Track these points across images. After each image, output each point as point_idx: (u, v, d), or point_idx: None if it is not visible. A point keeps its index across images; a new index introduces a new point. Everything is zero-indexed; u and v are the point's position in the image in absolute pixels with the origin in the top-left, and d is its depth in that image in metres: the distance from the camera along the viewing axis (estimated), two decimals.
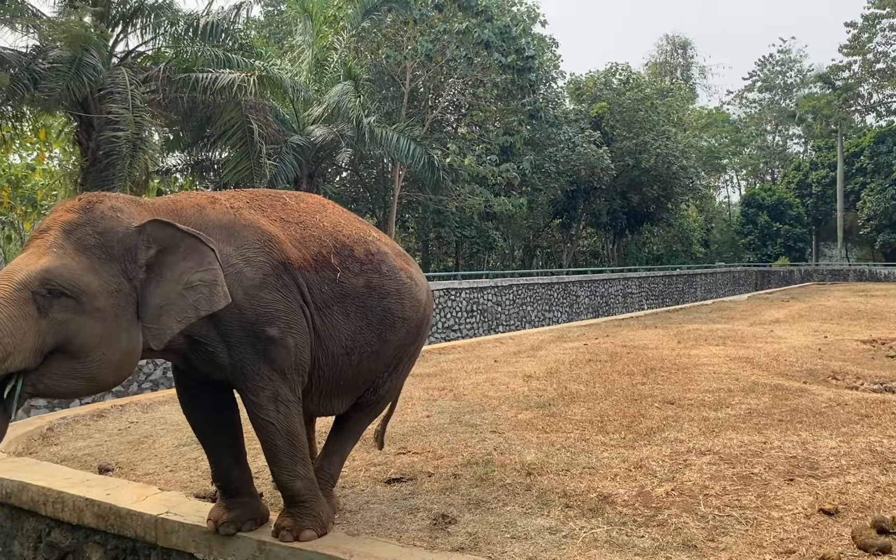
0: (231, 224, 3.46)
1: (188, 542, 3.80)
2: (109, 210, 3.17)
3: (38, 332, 2.88)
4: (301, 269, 3.53)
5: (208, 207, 3.49)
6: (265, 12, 33.20)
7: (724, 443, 5.18)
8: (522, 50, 27.21)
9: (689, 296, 35.84)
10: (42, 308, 2.89)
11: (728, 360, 8.94)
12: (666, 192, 38.42)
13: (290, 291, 3.46)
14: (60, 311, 2.92)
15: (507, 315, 23.46)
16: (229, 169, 17.04)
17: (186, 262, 3.21)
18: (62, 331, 2.93)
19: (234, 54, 16.86)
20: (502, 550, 3.45)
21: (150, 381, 12.28)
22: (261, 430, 3.46)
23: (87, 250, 3.04)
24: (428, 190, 25.20)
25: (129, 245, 3.13)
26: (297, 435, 3.52)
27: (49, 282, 2.91)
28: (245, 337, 3.35)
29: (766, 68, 59.27)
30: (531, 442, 5.36)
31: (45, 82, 13.45)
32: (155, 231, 3.19)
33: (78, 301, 2.95)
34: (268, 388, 3.39)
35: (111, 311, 3.04)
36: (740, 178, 62.79)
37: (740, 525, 3.70)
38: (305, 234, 3.65)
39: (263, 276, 3.40)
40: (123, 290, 3.10)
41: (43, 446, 5.88)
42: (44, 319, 2.89)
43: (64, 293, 2.93)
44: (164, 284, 3.19)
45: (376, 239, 3.94)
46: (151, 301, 3.16)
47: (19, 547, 4.61)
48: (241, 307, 3.33)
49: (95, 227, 3.09)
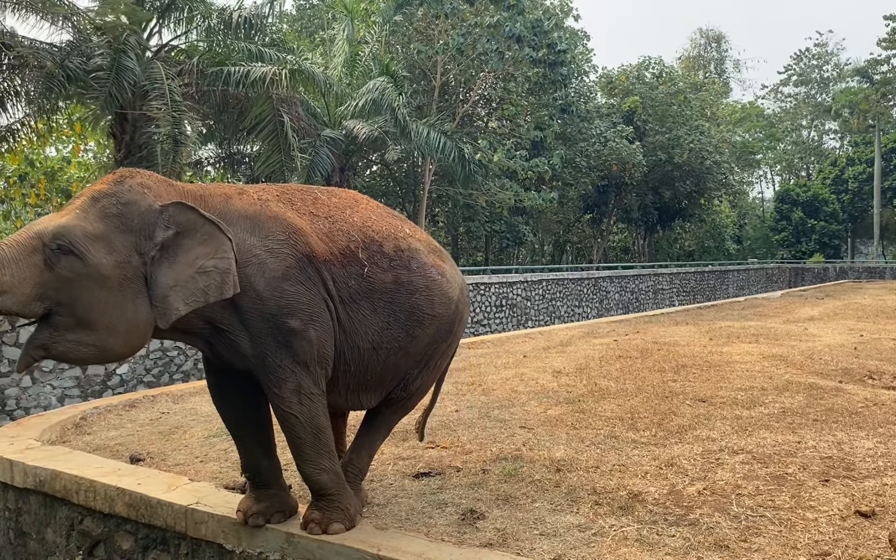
0: (256, 215, 3.48)
1: (217, 533, 3.83)
2: (138, 185, 3.28)
3: (39, 283, 3.02)
4: (326, 263, 3.53)
5: (235, 198, 3.53)
6: (297, 6, 33.35)
7: (757, 442, 5.10)
8: (554, 44, 27.05)
9: (722, 293, 35.47)
10: (48, 261, 3.03)
11: (761, 357, 8.82)
12: (698, 187, 38.00)
13: (313, 284, 3.46)
14: (65, 269, 3.05)
15: (537, 310, 23.38)
16: (261, 162, 17.16)
17: (203, 248, 3.26)
18: (65, 290, 3.06)
19: (266, 48, 16.97)
20: (531, 547, 3.42)
21: (182, 373, 12.43)
22: (284, 423, 3.47)
23: (107, 218, 3.17)
24: (458, 184, 25.16)
25: (148, 222, 3.23)
26: (322, 428, 3.52)
27: (61, 237, 3.05)
28: (267, 328, 3.36)
29: (801, 62, 58.39)
30: (560, 438, 5.32)
31: (90, 92, 13.61)
32: (177, 213, 3.27)
33: (84, 262, 3.07)
34: (290, 381, 3.40)
35: (116, 280, 3.14)
36: (774, 174, 62.01)
37: (774, 526, 3.63)
38: (333, 228, 3.65)
39: (286, 267, 3.41)
40: (132, 263, 3.19)
41: (76, 435, 5.95)
42: (48, 272, 3.03)
43: (72, 252, 3.05)
44: (176, 266, 3.26)
45: (408, 235, 3.91)
46: (161, 280, 3.23)
47: (52, 534, 4.68)
48: (264, 298, 3.35)
49: (119, 199, 3.21)
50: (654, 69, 39.53)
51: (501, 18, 24.90)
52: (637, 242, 43.86)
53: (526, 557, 3.33)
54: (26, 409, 10.44)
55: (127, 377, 11.72)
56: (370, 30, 23.18)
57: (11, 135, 16.10)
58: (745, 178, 54.88)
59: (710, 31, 60.25)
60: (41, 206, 20.05)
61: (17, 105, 15.47)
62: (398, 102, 18.77)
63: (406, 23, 24.98)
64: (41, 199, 19.78)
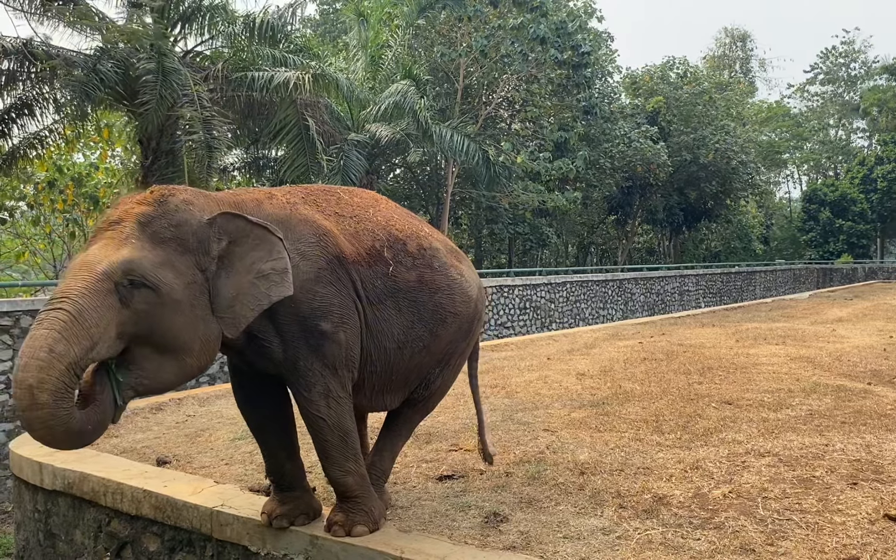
0: (287, 218, 3.50)
1: (242, 535, 3.86)
2: (182, 203, 3.24)
3: (120, 322, 2.96)
4: (355, 264, 3.55)
5: (265, 202, 3.54)
6: (320, 11, 33.52)
7: (784, 444, 5.05)
8: (578, 46, 26.95)
9: (748, 294, 35.11)
10: (124, 299, 2.96)
11: (788, 359, 8.73)
12: (724, 187, 37.63)
13: (343, 285, 3.49)
14: (141, 303, 2.99)
15: (561, 312, 23.29)
16: (286, 166, 17.26)
17: (256, 252, 3.28)
18: (143, 322, 3.01)
19: (289, 54, 17.08)
20: (554, 550, 3.41)
21: (207, 376, 12.52)
22: (312, 426, 3.49)
23: (164, 243, 3.12)
24: (481, 186, 25.14)
25: (202, 237, 3.21)
26: (349, 431, 3.54)
27: (131, 272, 2.98)
28: (299, 331, 3.39)
29: (828, 60, 57.61)
30: (584, 441, 5.30)
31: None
32: (225, 223, 3.27)
33: (158, 292, 3.02)
34: (319, 384, 3.42)
35: (188, 302, 3.12)
36: (801, 174, 61.23)
37: (801, 529, 3.59)
38: (359, 228, 3.67)
39: (318, 269, 3.43)
40: (198, 281, 3.18)
41: (103, 438, 6.00)
42: (125, 310, 2.96)
43: (145, 284, 3.00)
44: (235, 274, 3.26)
45: (428, 234, 3.94)
46: (224, 291, 3.23)
47: (80, 536, 4.73)
48: (297, 301, 3.37)
49: (170, 220, 3.16)
50: (678, 69, 39.22)
51: (525, 20, 24.85)
52: (662, 244, 43.52)
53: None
54: None
55: None
56: (393, 34, 23.25)
57: (40, 141, 16.33)
58: (771, 178, 54.29)
59: (735, 30, 59.68)
60: (69, 212, 20.29)
61: (45, 112, 15.71)
62: (421, 105, 18.81)
63: (429, 26, 24.99)
64: (69, 205, 20.01)
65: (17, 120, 15.53)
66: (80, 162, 21.62)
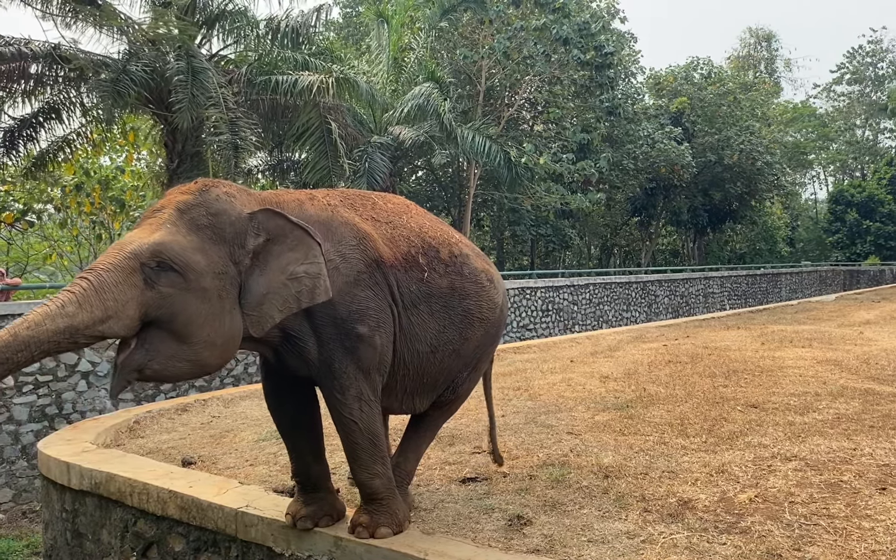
0: (329, 220, 3.52)
1: (266, 536, 3.87)
2: (224, 194, 3.26)
3: (142, 303, 2.97)
4: (392, 268, 3.57)
5: (307, 203, 3.55)
6: (343, 14, 33.65)
7: (810, 449, 4.99)
8: (601, 46, 26.86)
9: (774, 296, 34.78)
10: (149, 280, 2.97)
11: (815, 362, 8.63)
12: (749, 189, 37.29)
13: (380, 289, 3.50)
14: (167, 286, 3.00)
15: (584, 315, 23.20)
16: (309, 169, 17.35)
17: (293, 253, 3.27)
18: (167, 306, 3.01)
19: (312, 57, 17.18)
20: (578, 553, 3.40)
21: (232, 377, 12.61)
22: (343, 428, 3.50)
23: (200, 230, 3.13)
24: (503, 188, 25.12)
25: (240, 230, 3.21)
26: (378, 434, 3.56)
27: (159, 254, 2.99)
28: (336, 333, 3.39)
29: (855, 60, 56.97)
30: (608, 444, 5.27)
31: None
32: (266, 220, 3.27)
33: (185, 277, 3.03)
34: (353, 388, 3.43)
35: (215, 292, 3.11)
36: (828, 175, 60.58)
37: (828, 535, 3.55)
38: (395, 233, 3.70)
39: (358, 273, 3.45)
40: (229, 273, 3.17)
41: (130, 439, 6.09)
42: (149, 291, 2.97)
43: (172, 268, 3.01)
44: (268, 273, 3.25)
45: (458, 241, 3.99)
46: (255, 288, 3.23)
47: (107, 535, 4.78)
48: (335, 303, 3.37)
49: (209, 209, 3.18)
50: (702, 69, 38.97)
51: (547, 21, 24.81)
52: (686, 245, 43.22)
53: None
54: (82, 412, 10.69)
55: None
56: (415, 36, 23.29)
57: (67, 145, 16.56)
58: (797, 179, 53.73)
59: (760, 29, 59.20)
60: (96, 215, 20.54)
61: (72, 116, 15.92)
62: (443, 107, 18.82)
63: (451, 28, 25.01)
64: (96, 208, 20.26)
65: (44, 124, 15.77)
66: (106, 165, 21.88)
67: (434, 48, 24.90)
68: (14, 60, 14.40)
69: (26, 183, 18.46)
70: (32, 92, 15.10)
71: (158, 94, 15.06)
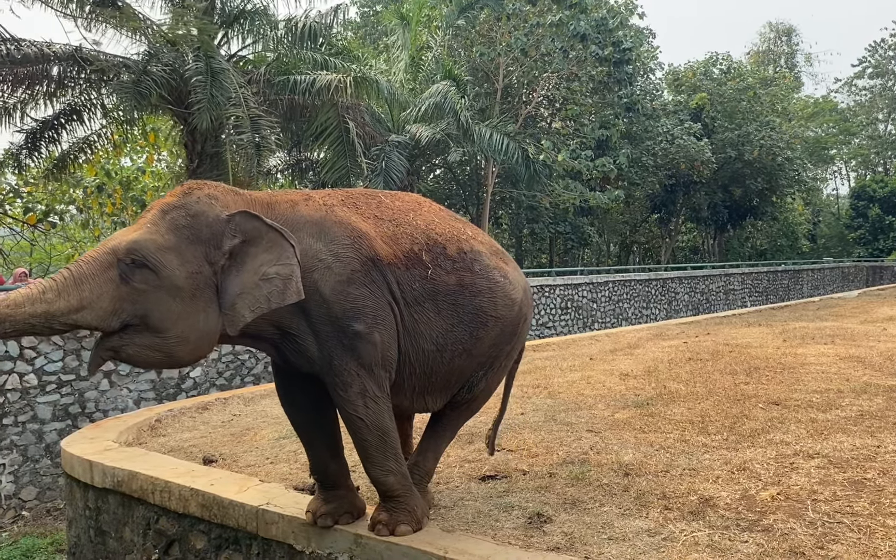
0: (322, 220, 3.53)
1: (287, 534, 3.89)
2: (205, 197, 3.35)
3: (116, 297, 3.11)
4: (391, 266, 3.56)
5: (301, 204, 3.58)
6: (361, 14, 33.73)
7: (833, 446, 4.94)
8: (619, 42, 26.74)
9: (795, 292, 34.49)
10: (124, 275, 3.12)
11: (837, 359, 8.54)
12: (770, 184, 36.94)
13: (377, 287, 3.50)
14: (140, 282, 3.13)
15: (603, 312, 23.11)
16: (327, 168, 17.42)
17: (267, 255, 3.32)
18: (140, 302, 3.14)
19: (330, 57, 17.24)
20: (599, 551, 3.38)
21: (252, 376, 12.68)
22: (351, 425, 3.51)
23: (177, 230, 3.24)
24: (522, 186, 25.08)
25: (216, 232, 3.29)
26: (388, 430, 3.54)
27: (134, 252, 3.13)
28: (333, 331, 3.41)
29: (877, 53, 56.21)
30: (628, 442, 5.25)
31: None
32: (242, 222, 3.34)
33: (158, 275, 3.15)
34: (355, 384, 3.43)
35: (189, 290, 3.21)
36: (849, 170, 59.88)
37: (852, 533, 3.51)
38: (398, 231, 3.67)
39: (351, 271, 3.45)
40: (204, 272, 3.26)
41: (151, 437, 6.14)
42: (124, 286, 3.12)
43: (146, 265, 3.13)
44: (243, 273, 3.32)
45: (470, 237, 3.92)
46: (230, 288, 3.30)
47: (130, 533, 4.82)
48: (329, 301, 3.40)
49: (188, 210, 3.28)
50: (721, 65, 38.68)
51: (564, 17, 24.72)
52: (707, 242, 42.94)
53: None
54: (104, 411, 10.79)
55: (200, 380, 12.02)
56: (433, 35, 23.29)
57: (89, 146, 16.72)
58: (818, 174, 53.20)
59: (780, 24, 58.68)
60: (117, 215, 20.72)
61: (93, 117, 16.07)
62: (461, 105, 18.83)
63: (468, 26, 25.00)
64: (117, 208, 20.43)
65: (65, 125, 15.94)
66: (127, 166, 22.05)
67: (451, 46, 24.90)
68: (36, 62, 14.56)
69: (48, 184, 18.64)
70: (54, 94, 15.26)
71: (178, 94, 15.17)
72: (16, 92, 14.98)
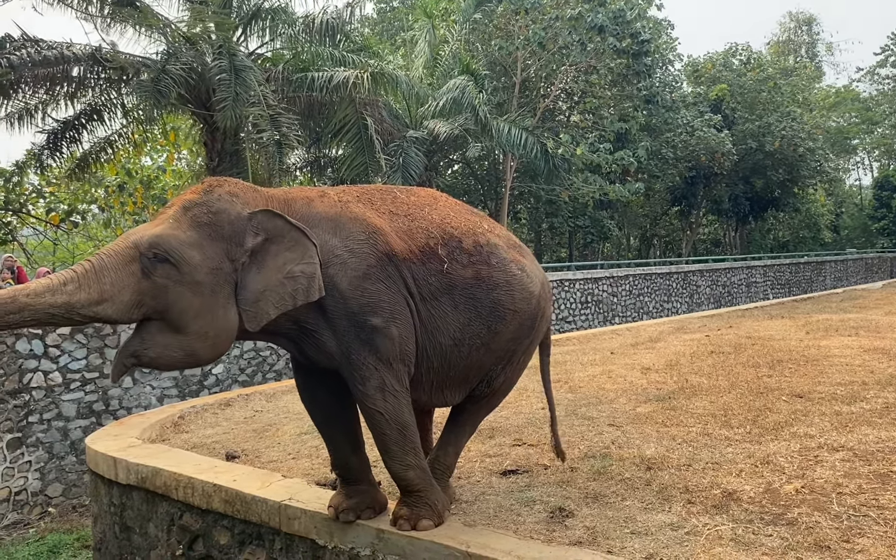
0: (337, 217, 3.55)
1: (310, 529, 3.91)
2: (227, 194, 3.39)
3: (137, 291, 3.14)
4: (406, 261, 3.56)
5: (317, 201, 3.60)
6: (377, 9, 33.74)
7: (858, 439, 4.89)
8: (638, 34, 26.54)
9: (818, 284, 34.18)
10: (145, 269, 3.15)
11: (862, 351, 8.45)
12: (792, 175, 36.58)
13: (393, 282, 3.50)
14: (162, 277, 3.16)
15: (623, 306, 23.01)
16: (345, 165, 17.45)
17: (290, 253, 3.35)
18: (161, 297, 3.17)
19: (348, 53, 17.27)
20: (622, 545, 3.37)
21: (274, 372, 12.74)
22: (370, 420, 3.52)
23: (199, 227, 3.27)
24: (540, 180, 25.00)
25: (238, 229, 3.33)
26: (407, 424, 3.55)
27: (157, 246, 3.16)
28: (350, 326, 3.42)
29: None
30: (650, 436, 5.22)
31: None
32: (265, 220, 3.37)
33: (179, 270, 3.17)
34: (374, 378, 3.44)
35: (209, 286, 3.24)
36: (872, 160, 59.15)
37: (878, 526, 3.48)
38: (413, 226, 3.68)
39: (367, 267, 3.46)
40: (224, 269, 3.29)
41: (175, 434, 6.18)
42: (145, 280, 3.15)
43: (168, 260, 3.16)
44: (265, 271, 3.35)
45: (487, 230, 3.90)
46: (251, 285, 3.33)
47: (154, 529, 4.86)
48: (346, 297, 3.41)
49: (210, 208, 3.32)
50: (741, 56, 38.32)
51: (583, 10, 24.60)
52: (728, 234, 42.63)
53: (617, 556, 3.28)
54: (128, 408, 10.89)
55: (222, 377, 12.10)
56: (450, 29, 23.24)
57: (110, 145, 16.87)
58: (841, 164, 52.63)
59: (800, 13, 58.12)
60: (138, 214, 20.87)
61: (114, 117, 16.21)
62: (479, 100, 18.78)
63: (486, 20, 24.93)
64: (138, 207, 20.59)
65: (86, 125, 16.08)
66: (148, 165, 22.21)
67: (469, 40, 24.84)
68: (57, 63, 14.68)
69: (70, 184, 18.82)
70: (74, 94, 15.40)
71: (197, 93, 15.26)
72: (37, 93, 15.13)
